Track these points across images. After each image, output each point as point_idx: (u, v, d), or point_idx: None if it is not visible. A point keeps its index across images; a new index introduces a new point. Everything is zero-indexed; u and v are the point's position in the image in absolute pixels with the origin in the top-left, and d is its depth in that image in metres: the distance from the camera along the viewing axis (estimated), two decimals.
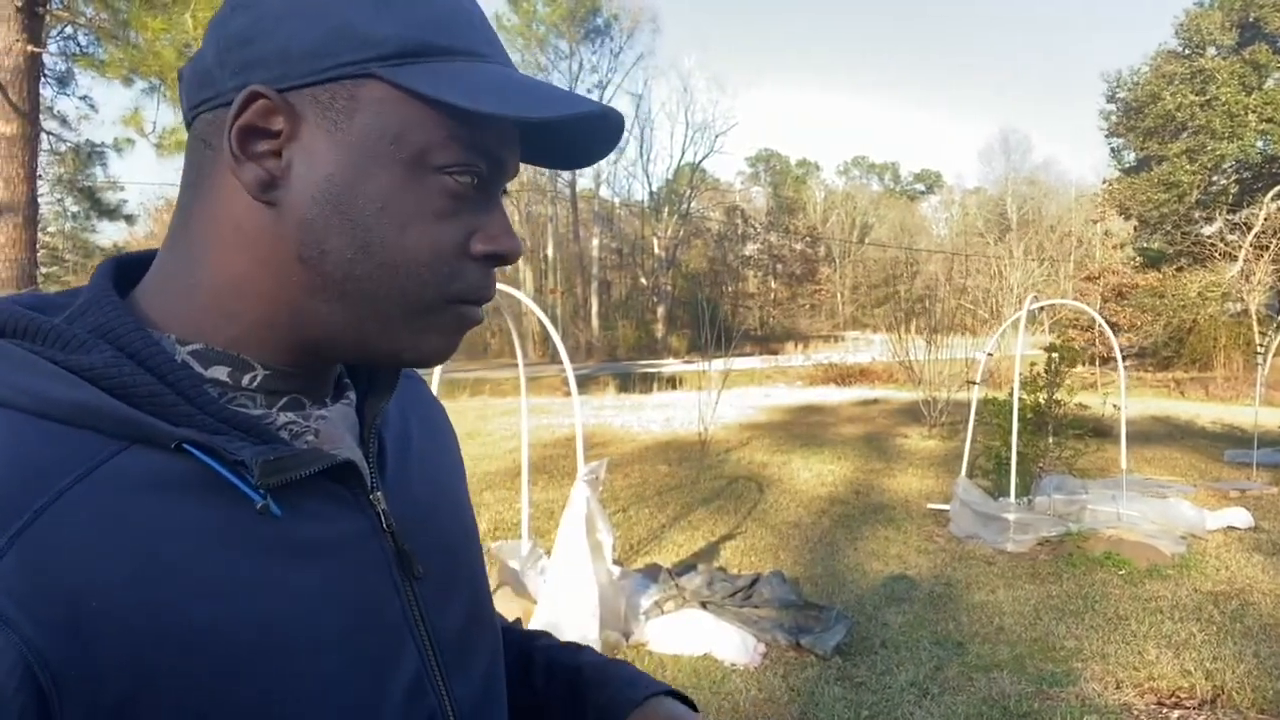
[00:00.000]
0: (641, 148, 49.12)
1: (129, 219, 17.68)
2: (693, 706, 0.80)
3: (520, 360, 4.84)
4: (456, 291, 0.57)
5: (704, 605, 4.44)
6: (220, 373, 0.55)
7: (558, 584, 4.05)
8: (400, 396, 0.71)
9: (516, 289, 4.34)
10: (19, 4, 5.64)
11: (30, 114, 5.91)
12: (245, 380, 0.56)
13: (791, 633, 4.23)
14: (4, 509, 0.44)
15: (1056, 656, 4.11)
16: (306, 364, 0.59)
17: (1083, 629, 4.43)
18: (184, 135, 0.58)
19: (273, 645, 0.50)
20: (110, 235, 18.69)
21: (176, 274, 0.56)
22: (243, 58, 0.53)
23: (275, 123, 0.53)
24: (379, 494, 0.62)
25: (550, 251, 39.83)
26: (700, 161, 45.36)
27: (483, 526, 6.53)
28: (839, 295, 56.34)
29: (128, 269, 0.60)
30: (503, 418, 13.54)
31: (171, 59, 11.68)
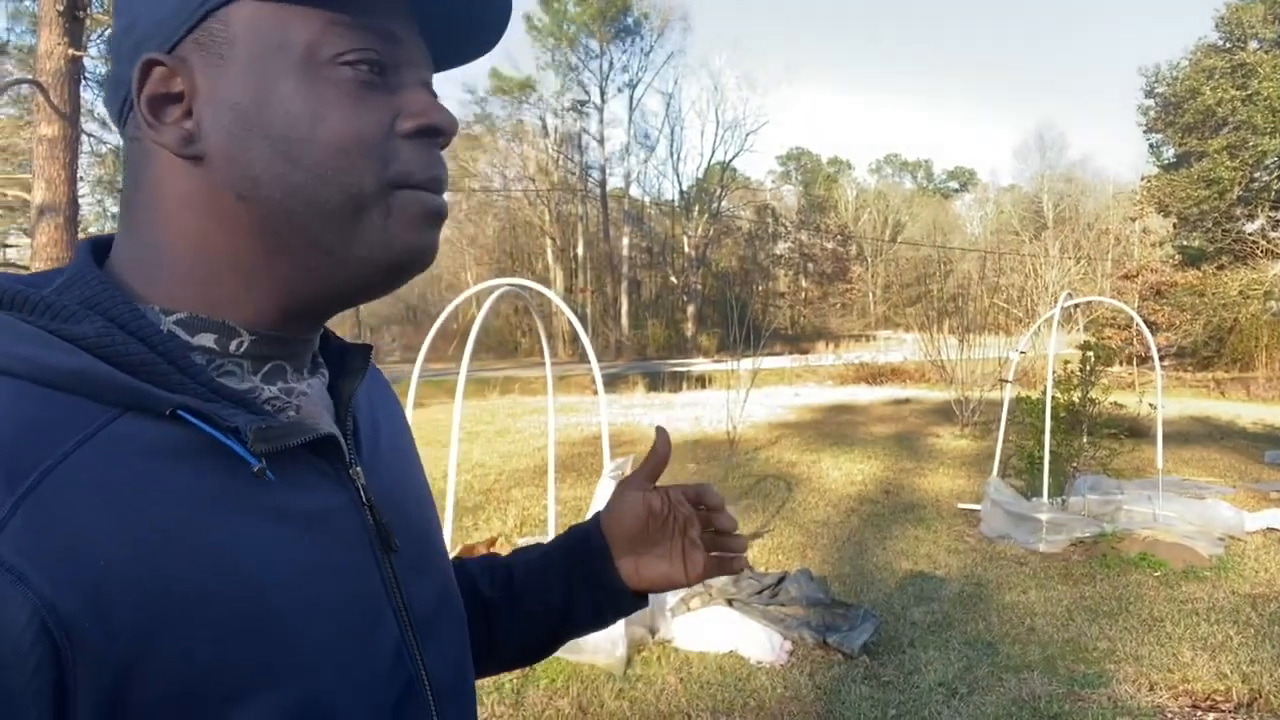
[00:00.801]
0: (672, 146, 49.37)
1: None
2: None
3: (548, 359, 4.86)
4: (396, 174, 0.57)
5: (730, 602, 4.43)
6: (207, 339, 0.56)
7: None
8: (367, 385, 0.72)
9: (547, 288, 4.36)
10: (60, 8, 5.76)
11: (71, 116, 6.04)
12: (232, 346, 0.57)
13: (818, 631, 4.21)
14: (11, 469, 0.45)
15: (1089, 658, 4.05)
16: (289, 323, 0.60)
17: (1116, 630, 4.36)
18: None
19: (269, 610, 0.51)
20: None
21: (139, 252, 0.57)
22: (132, 43, 0.56)
23: (175, 84, 0.55)
24: (358, 469, 0.63)
25: (580, 251, 39.93)
26: (731, 160, 45.30)
27: (509, 523, 6.58)
28: (870, 294, 55.89)
29: (104, 250, 0.61)
30: (532, 416, 13.59)
31: None
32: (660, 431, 0.87)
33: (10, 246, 18.28)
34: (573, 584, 0.86)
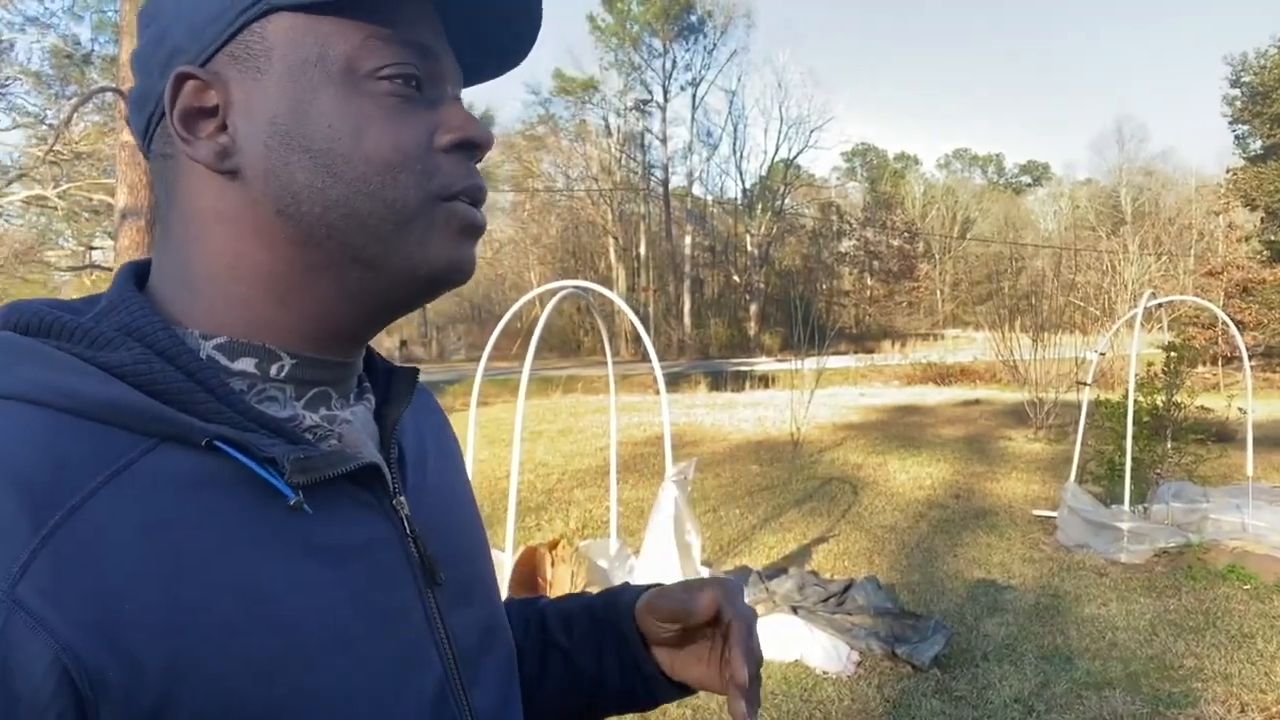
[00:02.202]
0: (735, 144, 48.91)
1: None
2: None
3: (609, 358, 4.84)
4: (438, 187, 0.57)
5: (794, 610, 4.35)
6: (247, 364, 0.55)
7: (645, 583, 4.02)
8: (414, 407, 0.70)
9: (609, 288, 4.34)
10: None
11: None
12: (273, 370, 0.56)
13: (887, 641, 4.09)
14: (36, 507, 0.44)
15: (1174, 675, 3.86)
16: (330, 344, 0.58)
17: (1203, 647, 4.15)
18: None
19: (302, 647, 0.50)
20: None
21: (176, 273, 0.56)
22: (163, 56, 0.55)
23: (209, 98, 0.54)
24: (402, 499, 0.61)
25: (643, 250, 39.95)
26: (795, 157, 44.85)
27: (571, 524, 6.58)
28: (939, 292, 54.75)
29: (146, 272, 0.60)
30: (595, 415, 13.63)
31: None
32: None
33: (96, 249, 19.08)
34: (604, 650, 0.78)
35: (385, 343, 35.44)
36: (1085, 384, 7.14)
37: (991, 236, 55.17)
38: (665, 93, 39.68)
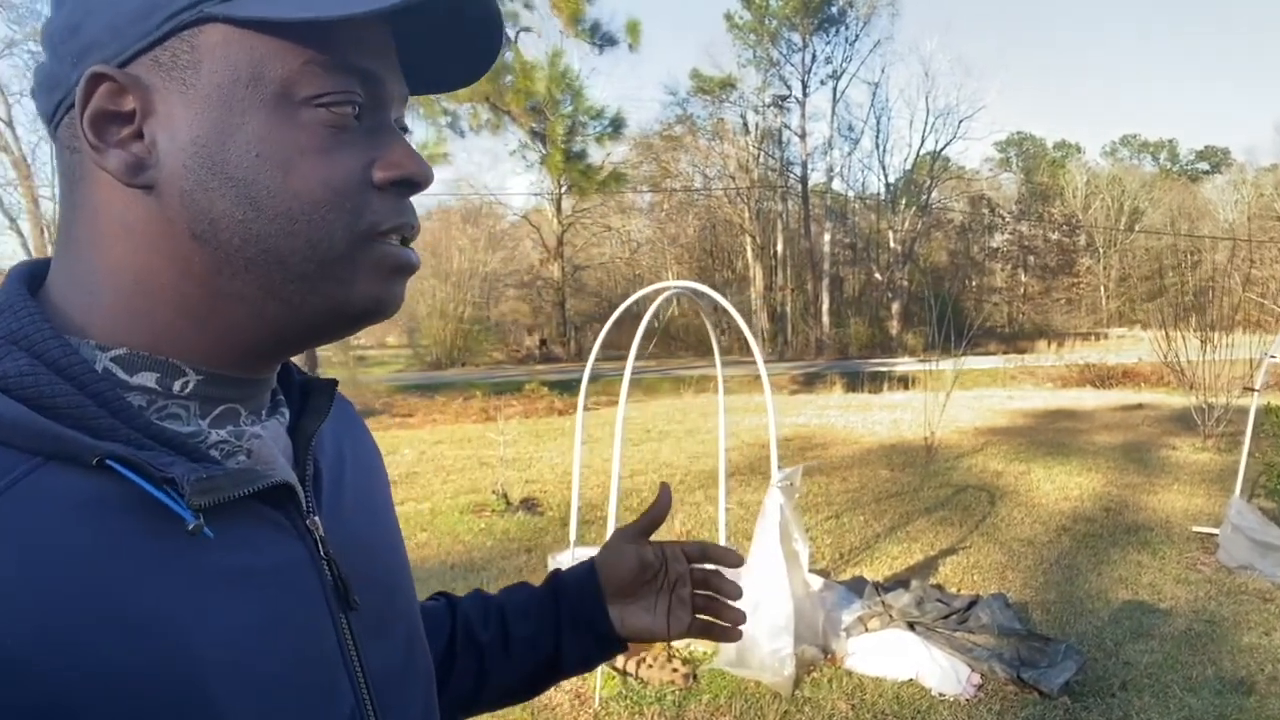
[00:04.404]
0: (878, 138, 47.55)
1: None
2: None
3: (718, 360, 4.77)
4: (367, 227, 0.53)
5: (912, 626, 4.13)
6: (148, 379, 0.51)
7: (752, 592, 3.92)
8: (333, 417, 0.66)
9: (746, 288, 4.25)
10: None
11: None
12: (176, 387, 0.52)
13: (1012, 664, 3.82)
14: None
15: None
16: (241, 363, 0.54)
17: None
18: (435, 150, 0.61)
19: (199, 684, 0.46)
20: None
21: (76, 279, 0.52)
22: (77, 46, 0.50)
23: (125, 102, 0.49)
24: (316, 519, 0.57)
25: (780, 248, 39.39)
26: (942, 149, 42.94)
27: (687, 526, 6.53)
28: (1102, 288, 51.25)
29: (42, 275, 0.56)
30: (728, 415, 13.49)
31: None
32: (663, 487, 0.88)
33: None
34: (563, 627, 0.86)
35: (526, 341, 36.54)
36: (1253, 389, 6.47)
37: (1162, 228, 51.13)
38: (804, 87, 38.91)
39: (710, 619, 0.89)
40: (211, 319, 0.52)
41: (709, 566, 0.89)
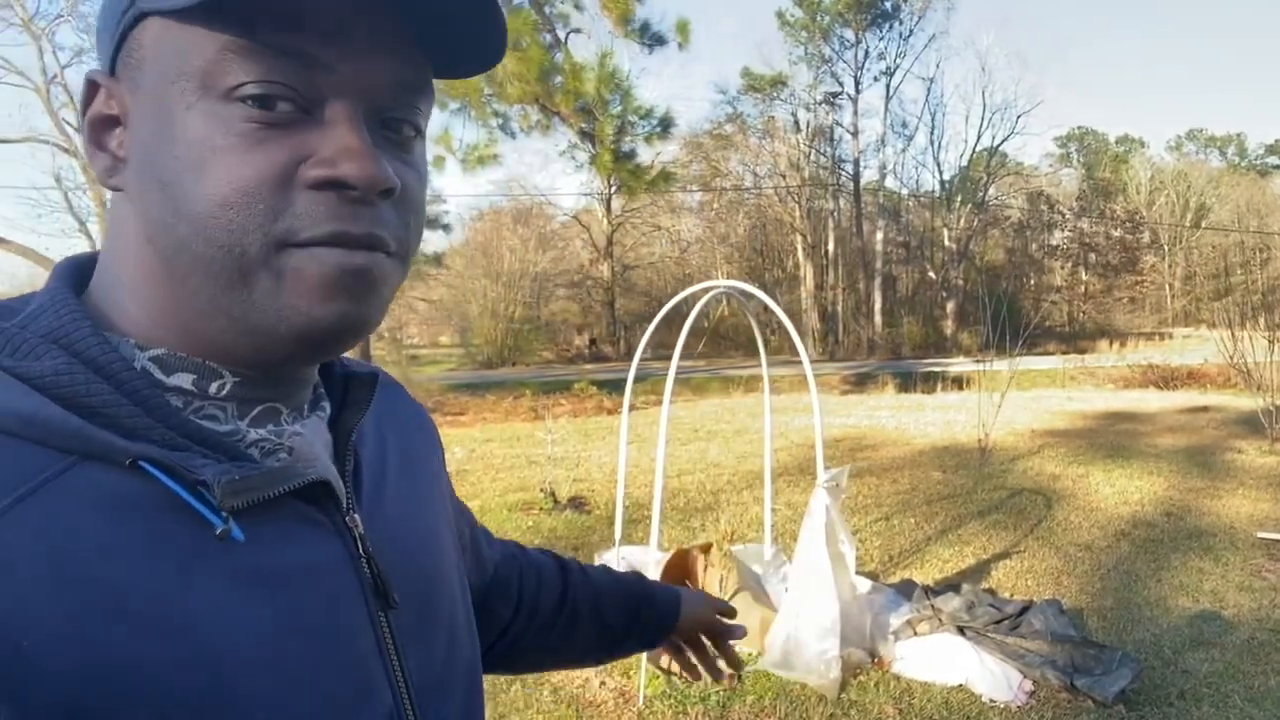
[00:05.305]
0: (932, 134, 46.77)
1: (446, 228, 19.77)
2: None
3: (764, 360, 4.74)
4: (282, 231, 0.48)
5: (962, 631, 4.05)
6: (184, 380, 0.51)
7: (797, 594, 3.89)
8: (377, 409, 0.65)
9: (797, 287, 4.23)
10: None
11: None
12: (213, 389, 0.52)
13: (1065, 672, 3.73)
14: None
15: None
16: (267, 367, 0.53)
17: None
18: (485, 151, 0.55)
19: (230, 685, 0.46)
20: (432, 244, 21.04)
21: (116, 276, 0.53)
22: (97, 55, 0.52)
23: (112, 106, 0.50)
24: (355, 516, 0.56)
25: (831, 247, 38.95)
26: (999, 145, 42.08)
27: (733, 526, 6.49)
28: (1167, 287, 49.71)
29: (88, 269, 0.56)
30: (776, 415, 13.40)
31: (477, 82, 12.87)
32: (738, 629, 1.12)
33: None
34: (631, 636, 1.04)
35: (575, 340, 36.68)
36: None
37: (1231, 225, 49.39)
38: (857, 84, 38.44)
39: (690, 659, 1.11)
40: (201, 325, 0.51)
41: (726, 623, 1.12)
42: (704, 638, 1.09)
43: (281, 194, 0.47)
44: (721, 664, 1.11)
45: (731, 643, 1.10)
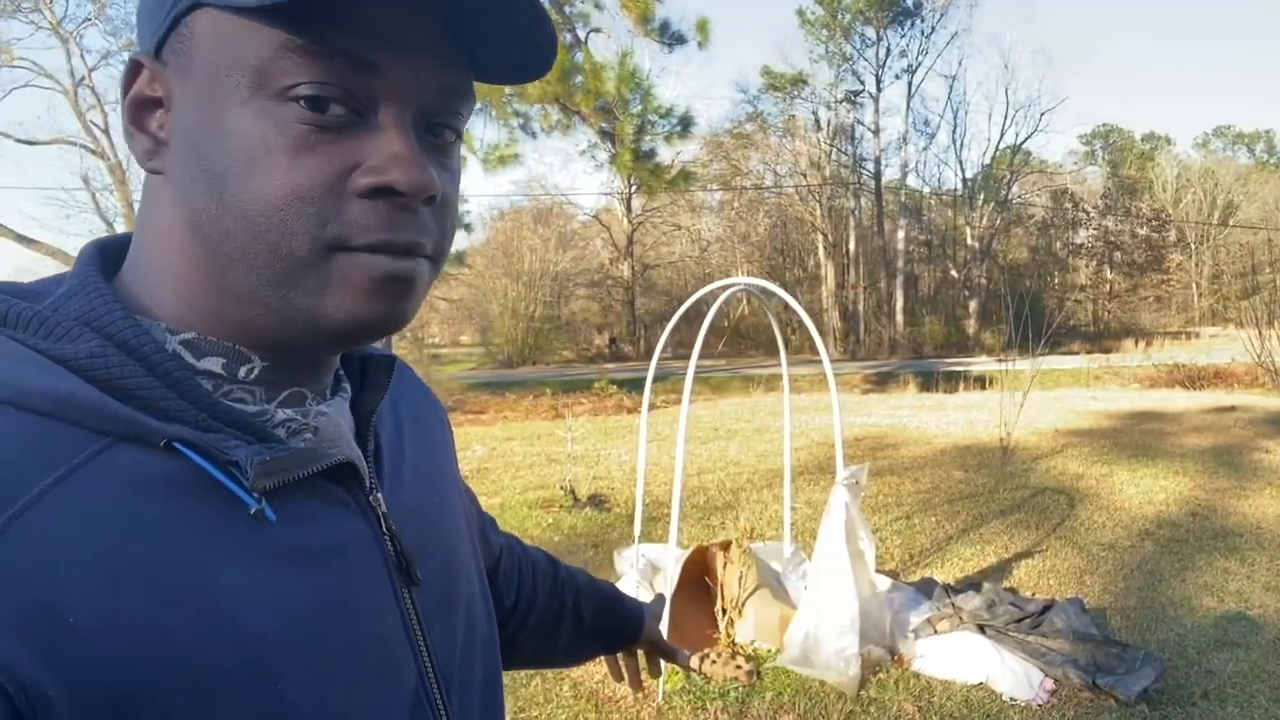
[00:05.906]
0: (954, 132, 46.33)
1: (467, 228, 19.88)
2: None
3: (783, 358, 4.74)
4: (331, 238, 0.49)
5: (983, 629, 4.04)
6: (214, 364, 0.52)
7: (817, 591, 3.89)
8: (398, 393, 0.67)
9: (817, 286, 4.23)
10: None
11: None
12: (241, 373, 0.53)
13: (1087, 671, 3.71)
14: None
15: None
16: (294, 353, 0.54)
17: None
18: (506, 151, 0.55)
19: (265, 662, 0.47)
20: (455, 244, 21.17)
21: (148, 259, 0.54)
22: (137, 35, 0.53)
23: (155, 88, 0.50)
24: (379, 495, 0.58)
25: (852, 246, 38.76)
26: (1022, 143, 41.72)
27: (753, 523, 6.48)
28: (1194, 286, 49.04)
29: (113, 253, 0.57)
30: (796, 414, 13.36)
31: None
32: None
33: None
34: (609, 626, 1.11)
35: (595, 340, 36.70)
36: None
37: (1259, 222, 48.65)
38: (878, 82, 38.22)
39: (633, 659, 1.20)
40: (235, 312, 0.52)
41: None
42: (641, 651, 1.18)
43: (333, 200, 0.48)
44: (643, 674, 1.22)
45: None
